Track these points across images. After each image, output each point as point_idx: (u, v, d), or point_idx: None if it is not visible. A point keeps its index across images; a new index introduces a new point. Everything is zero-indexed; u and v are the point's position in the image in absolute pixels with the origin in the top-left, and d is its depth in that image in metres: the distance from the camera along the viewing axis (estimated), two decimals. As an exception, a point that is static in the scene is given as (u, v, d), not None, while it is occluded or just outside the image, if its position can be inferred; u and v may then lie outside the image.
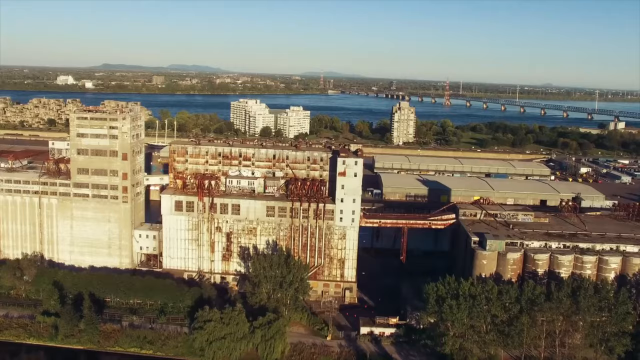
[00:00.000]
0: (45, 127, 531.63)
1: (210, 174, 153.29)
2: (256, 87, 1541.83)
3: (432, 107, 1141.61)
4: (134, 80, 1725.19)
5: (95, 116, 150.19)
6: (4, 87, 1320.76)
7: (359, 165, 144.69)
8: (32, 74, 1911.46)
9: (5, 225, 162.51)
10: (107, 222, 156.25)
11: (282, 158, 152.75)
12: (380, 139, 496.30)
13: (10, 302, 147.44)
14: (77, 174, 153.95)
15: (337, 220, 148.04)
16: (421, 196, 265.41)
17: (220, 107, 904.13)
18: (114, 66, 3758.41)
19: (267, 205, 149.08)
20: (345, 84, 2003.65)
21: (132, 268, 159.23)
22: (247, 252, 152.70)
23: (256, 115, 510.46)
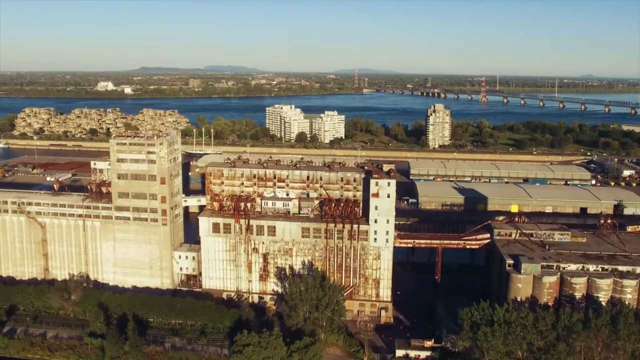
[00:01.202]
0: (88, 137, 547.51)
1: (246, 196, 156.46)
2: (291, 88, 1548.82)
3: (468, 104, 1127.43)
4: (171, 83, 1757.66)
5: (133, 142, 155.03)
6: (48, 94, 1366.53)
7: (392, 186, 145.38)
8: (74, 80, 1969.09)
9: (53, 246, 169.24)
10: (147, 243, 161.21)
11: (316, 179, 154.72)
12: (415, 142, 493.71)
13: (60, 323, 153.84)
14: (118, 198, 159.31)
15: (371, 240, 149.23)
16: (457, 205, 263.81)
17: (256, 110, 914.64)
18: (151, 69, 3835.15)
19: (302, 226, 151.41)
20: (380, 82, 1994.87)
21: (173, 288, 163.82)
22: (283, 272, 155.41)
23: (291, 121, 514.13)
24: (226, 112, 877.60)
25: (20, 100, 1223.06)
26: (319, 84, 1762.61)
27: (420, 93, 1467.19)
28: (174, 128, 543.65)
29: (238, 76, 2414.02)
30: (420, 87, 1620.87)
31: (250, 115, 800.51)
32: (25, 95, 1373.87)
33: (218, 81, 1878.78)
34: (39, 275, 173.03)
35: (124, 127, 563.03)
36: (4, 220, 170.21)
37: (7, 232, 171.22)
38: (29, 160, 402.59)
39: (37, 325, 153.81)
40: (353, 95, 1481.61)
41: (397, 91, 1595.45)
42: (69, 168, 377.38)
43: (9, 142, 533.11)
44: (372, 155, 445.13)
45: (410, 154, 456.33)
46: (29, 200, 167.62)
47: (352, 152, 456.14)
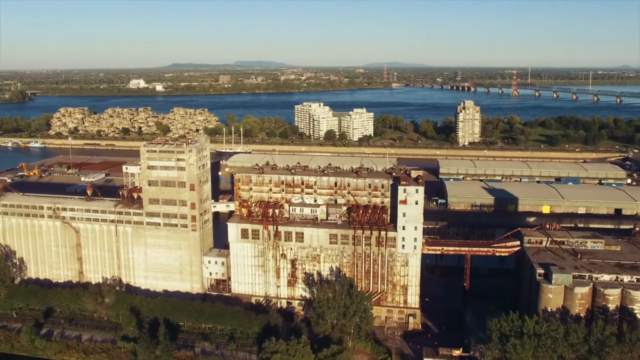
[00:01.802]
0: (120, 136, 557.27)
1: (274, 202, 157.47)
2: (320, 83, 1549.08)
3: (498, 98, 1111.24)
4: (202, 80, 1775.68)
5: (163, 149, 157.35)
6: (83, 92, 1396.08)
7: (420, 193, 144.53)
8: (107, 77, 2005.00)
9: (87, 251, 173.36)
10: (178, 249, 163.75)
11: (344, 185, 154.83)
12: (445, 139, 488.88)
13: (94, 326, 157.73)
14: (149, 204, 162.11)
15: (399, 247, 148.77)
16: (487, 206, 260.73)
17: (284, 106, 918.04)
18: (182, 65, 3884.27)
19: (330, 233, 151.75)
20: (409, 76, 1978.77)
21: (203, 292, 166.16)
22: (311, 278, 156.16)
23: (320, 119, 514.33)
24: (255, 109, 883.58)
25: (55, 99, 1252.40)
26: (347, 78, 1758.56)
27: (450, 87, 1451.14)
28: (204, 127, 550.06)
29: (267, 71, 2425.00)
30: (450, 80, 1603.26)
31: (279, 112, 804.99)
32: (61, 93, 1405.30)
33: (247, 77, 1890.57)
34: (74, 278, 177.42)
35: (155, 125, 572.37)
36: (40, 225, 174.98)
37: (43, 236, 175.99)
38: (64, 160, 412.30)
39: (72, 327, 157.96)
40: (382, 90, 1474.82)
41: (427, 85, 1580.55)
42: (102, 168, 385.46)
43: (45, 142, 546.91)
44: (401, 153, 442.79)
45: (439, 152, 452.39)
46: (63, 206, 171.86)
47: (381, 150, 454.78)
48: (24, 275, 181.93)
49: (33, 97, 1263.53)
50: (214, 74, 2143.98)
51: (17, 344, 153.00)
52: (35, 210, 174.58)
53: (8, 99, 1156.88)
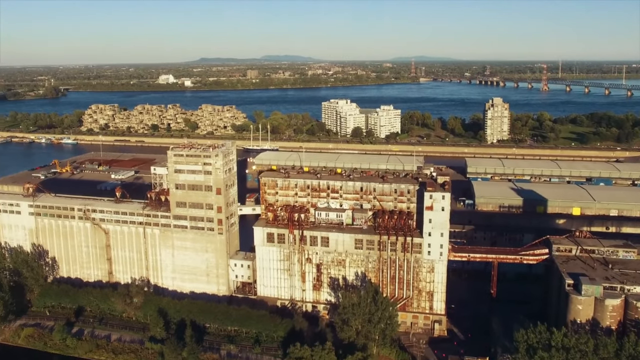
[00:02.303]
0: (149, 133, 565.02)
1: (300, 206, 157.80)
2: (347, 78, 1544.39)
3: (528, 93, 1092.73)
4: (230, 75, 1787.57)
5: (190, 153, 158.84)
6: (113, 88, 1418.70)
7: (447, 199, 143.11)
8: (137, 72, 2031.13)
9: (116, 251, 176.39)
10: (204, 251, 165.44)
11: (370, 190, 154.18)
12: (473, 136, 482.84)
13: (123, 325, 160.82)
14: (176, 207, 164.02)
15: (425, 253, 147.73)
16: (516, 207, 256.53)
17: (312, 102, 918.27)
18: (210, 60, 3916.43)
19: (355, 238, 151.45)
20: (437, 70, 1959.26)
21: (229, 295, 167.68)
22: (336, 282, 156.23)
23: (347, 116, 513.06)
24: (282, 105, 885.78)
25: (87, 94, 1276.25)
26: (375, 73, 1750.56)
27: (478, 82, 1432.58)
28: (232, 123, 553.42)
29: (294, 66, 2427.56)
30: (478, 75, 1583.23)
31: (306, 107, 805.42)
32: (92, 89, 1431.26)
33: (275, 72, 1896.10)
34: (104, 278, 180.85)
35: (184, 122, 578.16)
36: (71, 225, 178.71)
37: (74, 236, 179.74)
38: (95, 157, 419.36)
39: (102, 327, 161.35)
40: (409, 85, 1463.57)
41: (455, 80, 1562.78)
42: (132, 165, 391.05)
43: (77, 138, 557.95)
44: (428, 151, 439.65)
45: (467, 150, 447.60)
46: (93, 208, 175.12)
47: (408, 148, 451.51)
48: (56, 274, 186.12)
49: (66, 93, 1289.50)
50: (242, 68, 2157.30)
51: (50, 342, 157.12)
52: (66, 212, 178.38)
53: (42, 95, 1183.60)
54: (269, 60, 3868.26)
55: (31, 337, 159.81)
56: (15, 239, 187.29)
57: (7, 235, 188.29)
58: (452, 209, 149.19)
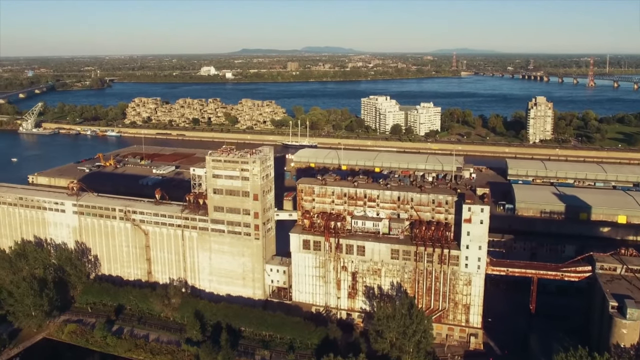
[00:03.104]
0: (190, 127, 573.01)
1: (336, 214, 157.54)
2: (387, 71, 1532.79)
3: (573, 89, 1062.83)
4: (270, 67, 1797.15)
5: (228, 159, 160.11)
6: (156, 79, 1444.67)
7: (486, 212, 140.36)
8: (180, 64, 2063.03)
9: (155, 252, 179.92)
10: (241, 256, 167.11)
11: (407, 200, 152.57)
12: (514, 135, 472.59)
13: (161, 326, 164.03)
14: (214, 211, 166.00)
15: (462, 266, 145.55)
16: (557, 213, 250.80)
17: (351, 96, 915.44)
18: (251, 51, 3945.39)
19: (391, 248, 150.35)
20: (479, 64, 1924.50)
21: (264, 299, 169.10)
22: (372, 291, 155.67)
23: (386, 113, 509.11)
24: (321, 99, 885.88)
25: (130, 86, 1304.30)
26: (415, 66, 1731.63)
27: (521, 76, 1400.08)
28: (271, 118, 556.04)
29: (335, 58, 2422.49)
30: (521, 69, 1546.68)
31: (345, 102, 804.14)
32: (136, 80, 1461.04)
33: (315, 64, 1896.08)
34: (143, 278, 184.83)
35: (224, 116, 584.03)
36: (112, 225, 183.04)
37: (115, 236, 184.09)
38: (138, 150, 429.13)
39: (141, 326, 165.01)
40: (450, 78, 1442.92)
41: (497, 74, 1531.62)
42: (173, 160, 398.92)
43: (121, 131, 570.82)
44: (468, 150, 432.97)
45: (508, 149, 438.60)
46: (134, 209, 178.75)
47: (447, 146, 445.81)
48: (98, 271, 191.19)
49: (111, 84, 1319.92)
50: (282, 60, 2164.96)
51: (92, 339, 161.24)
52: (108, 212, 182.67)
53: (89, 86, 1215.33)
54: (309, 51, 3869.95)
55: (74, 333, 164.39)
56: (59, 236, 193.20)
57: (53, 233, 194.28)
58: (491, 213, 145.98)
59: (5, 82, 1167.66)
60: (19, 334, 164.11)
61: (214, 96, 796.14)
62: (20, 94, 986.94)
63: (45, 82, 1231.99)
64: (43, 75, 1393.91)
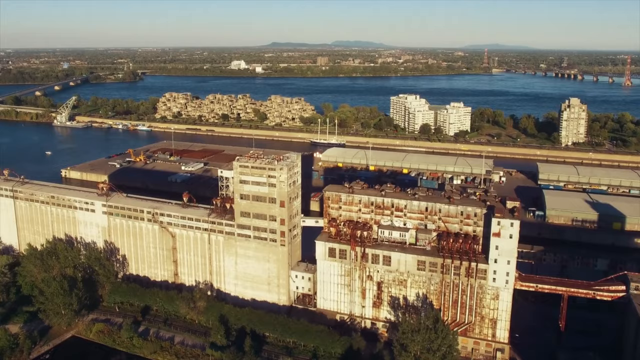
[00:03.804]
0: (220, 122, 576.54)
1: (363, 223, 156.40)
2: (417, 67, 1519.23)
3: (608, 88, 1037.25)
4: (300, 61, 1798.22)
5: (255, 165, 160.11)
6: (187, 72, 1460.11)
7: (515, 227, 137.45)
8: (210, 57, 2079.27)
9: (182, 255, 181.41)
10: (266, 261, 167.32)
11: (435, 211, 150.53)
12: (546, 137, 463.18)
13: (186, 328, 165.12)
14: (240, 217, 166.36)
15: (489, 280, 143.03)
16: (590, 222, 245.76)
17: (380, 92, 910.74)
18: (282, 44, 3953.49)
19: (418, 259, 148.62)
20: (511, 60, 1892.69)
21: (289, 305, 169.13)
22: (397, 301, 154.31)
23: (415, 112, 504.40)
24: (350, 95, 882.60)
25: (162, 79, 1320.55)
26: (446, 62, 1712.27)
27: (554, 74, 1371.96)
28: (300, 115, 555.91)
29: (365, 53, 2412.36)
30: (554, 67, 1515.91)
31: (374, 98, 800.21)
32: (167, 73, 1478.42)
33: (345, 59, 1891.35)
34: (170, 279, 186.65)
35: (253, 112, 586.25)
36: (141, 227, 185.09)
37: (143, 237, 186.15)
38: (167, 146, 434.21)
39: (166, 328, 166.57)
40: (481, 76, 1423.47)
41: (529, 72, 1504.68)
42: (202, 156, 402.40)
43: (151, 125, 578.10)
44: (498, 152, 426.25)
45: (539, 152, 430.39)
46: (161, 212, 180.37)
47: (477, 147, 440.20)
48: (126, 270, 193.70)
49: (142, 77, 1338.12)
50: (312, 54, 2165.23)
51: (118, 339, 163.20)
52: (136, 213, 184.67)
53: (121, 79, 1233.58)
54: (339, 45, 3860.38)
55: (101, 333, 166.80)
56: (89, 235, 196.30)
57: (83, 231, 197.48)
58: (520, 220, 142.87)
59: (42, 74, 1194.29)
60: (49, 332, 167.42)
61: (243, 90, 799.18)
62: (55, 86, 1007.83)
63: (80, 74, 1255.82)
64: (78, 68, 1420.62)
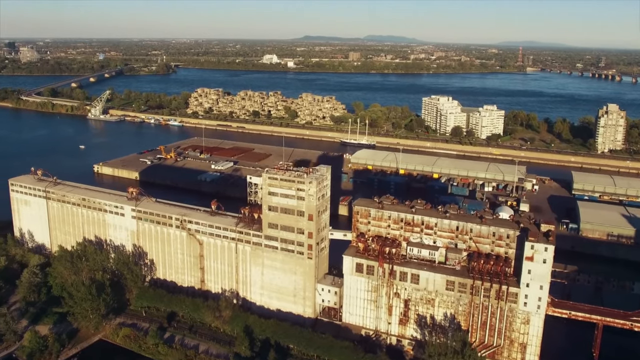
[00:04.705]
0: (250, 119, 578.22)
1: (392, 240, 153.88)
2: (450, 65, 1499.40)
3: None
4: (332, 56, 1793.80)
5: (284, 177, 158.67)
6: (219, 66, 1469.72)
7: (549, 252, 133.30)
8: (242, 50, 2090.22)
9: (209, 262, 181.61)
10: (293, 273, 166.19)
11: (466, 230, 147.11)
12: (581, 143, 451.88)
13: (211, 337, 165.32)
14: (268, 228, 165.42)
15: (520, 304, 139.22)
16: (626, 237, 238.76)
17: (411, 90, 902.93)
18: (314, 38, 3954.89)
19: (447, 279, 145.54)
20: (546, 59, 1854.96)
21: (314, 317, 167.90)
22: (424, 320, 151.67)
23: (447, 114, 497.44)
24: (380, 93, 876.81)
25: (194, 72, 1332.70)
26: (479, 60, 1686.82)
27: (591, 75, 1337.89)
28: (330, 114, 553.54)
29: (397, 48, 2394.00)
30: (591, 67, 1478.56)
31: (404, 96, 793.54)
32: (200, 66, 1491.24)
33: (377, 54, 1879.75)
34: (196, 285, 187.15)
35: (284, 110, 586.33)
36: (169, 232, 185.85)
37: (171, 243, 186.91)
38: (198, 142, 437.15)
39: (192, 336, 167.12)
40: (515, 74, 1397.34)
41: (565, 71, 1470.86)
42: (232, 154, 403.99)
43: (183, 120, 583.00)
44: (531, 157, 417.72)
45: (574, 159, 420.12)
46: (189, 219, 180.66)
47: (509, 152, 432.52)
48: (154, 274, 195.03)
49: (175, 70, 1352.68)
50: (344, 49, 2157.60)
51: (144, 345, 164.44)
52: (164, 219, 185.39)
53: (155, 71, 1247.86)
54: (372, 40, 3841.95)
55: (128, 338, 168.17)
56: (119, 238, 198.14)
57: (112, 234, 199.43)
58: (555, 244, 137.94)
59: (78, 65, 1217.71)
60: (77, 334, 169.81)
61: (274, 85, 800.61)
62: (90, 77, 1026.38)
63: (115, 66, 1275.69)
64: (113, 59, 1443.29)
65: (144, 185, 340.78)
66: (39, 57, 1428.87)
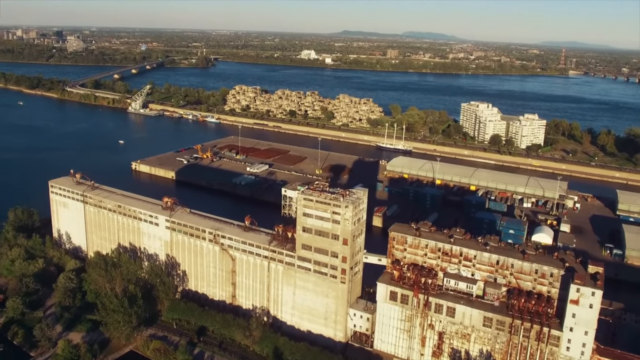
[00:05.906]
0: (287, 118, 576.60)
1: (428, 269, 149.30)
2: (489, 66, 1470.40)
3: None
4: (370, 52, 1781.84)
5: (320, 199, 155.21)
6: (258, 60, 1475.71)
7: (597, 297, 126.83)
8: (281, 44, 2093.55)
9: (240, 278, 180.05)
10: (325, 296, 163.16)
11: (507, 265, 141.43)
12: (627, 158, 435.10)
13: (240, 355, 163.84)
14: (301, 249, 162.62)
15: (563, 349, 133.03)
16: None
17: (449, 92, 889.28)
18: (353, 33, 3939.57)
19: (484, 315, 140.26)
20: (590, 61, 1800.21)
21: (345, 341, 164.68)
22: (458, 355, 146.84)
23: (487, 122, 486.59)
24: (416, 94, 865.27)
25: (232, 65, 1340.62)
26: (519, 61, 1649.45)
27: (637, 80, 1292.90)
28: (367, 117, 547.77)
29: (435, 46, 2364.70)
30: (638, 72, 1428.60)
31: (442, 99, 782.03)
32: (239, 60, 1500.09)
33: (415, 52, 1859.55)
34: (227, 300, 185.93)
35: (320, 110, 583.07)
36: (202, 246, 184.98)
37: (204, 256, 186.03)
38: (234, 142, 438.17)
39: (221, 353, 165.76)
40: (556, 78, 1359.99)
41: (609, 75, 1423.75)
42: (267, 156, 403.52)
43: (220, 117, 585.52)
44: (573, 171, 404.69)
45: (618, 174, 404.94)
46: (222, 234, 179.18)
47: (550, 164, 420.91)
48: (186, 285, 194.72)
49: (215, 63, 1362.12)
50: (382, 46, 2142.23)
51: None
52: (198, 232, 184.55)
53: (194, 64, 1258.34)
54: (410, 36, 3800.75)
55: (158, 351, 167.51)
56: (152, 247, 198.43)
57: (146, 243, 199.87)
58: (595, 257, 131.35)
59: (121, 57, 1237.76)
60: (109, 345, 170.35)
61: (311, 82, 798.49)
62: (132, 69, 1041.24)
63: (156, 57, 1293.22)
64: (154, 50, 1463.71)
65: (179, 184, 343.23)
66: (85, 46, 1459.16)
